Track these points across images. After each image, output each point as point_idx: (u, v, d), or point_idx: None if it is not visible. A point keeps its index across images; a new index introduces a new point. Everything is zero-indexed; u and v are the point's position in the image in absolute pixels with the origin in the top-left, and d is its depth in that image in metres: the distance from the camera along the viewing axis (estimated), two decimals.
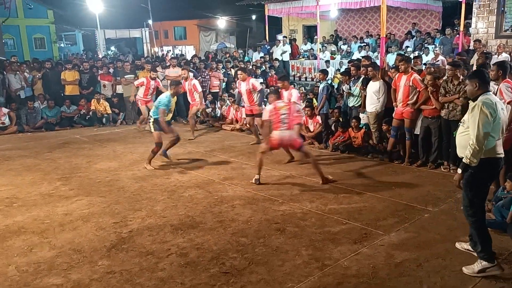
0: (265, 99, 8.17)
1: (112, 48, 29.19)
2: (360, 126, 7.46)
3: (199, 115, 10.33)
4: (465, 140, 3.38)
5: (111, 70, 11.66)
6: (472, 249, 3.60)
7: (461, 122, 3.57)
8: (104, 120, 10.88)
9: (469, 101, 3.53)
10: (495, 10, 10.44)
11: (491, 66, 5.30)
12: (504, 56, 8.99)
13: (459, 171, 3.39)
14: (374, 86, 7.00)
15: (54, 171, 6.76)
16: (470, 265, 3.45)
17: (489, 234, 3.47)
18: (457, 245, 3.84)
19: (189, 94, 9.01)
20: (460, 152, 3.50)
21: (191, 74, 9.60)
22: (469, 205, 3.44)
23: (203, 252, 3.90)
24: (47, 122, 10.50)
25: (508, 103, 4.76)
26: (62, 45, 28.22)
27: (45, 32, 24.47)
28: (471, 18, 11.11)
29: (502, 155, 3.42)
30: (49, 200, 5.40)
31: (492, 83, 5.22)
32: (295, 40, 17.29)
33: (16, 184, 6.11)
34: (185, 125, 10.07)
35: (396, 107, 6.68)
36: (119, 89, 11.32)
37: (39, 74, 11.24)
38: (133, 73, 11.12)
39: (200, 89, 8.99)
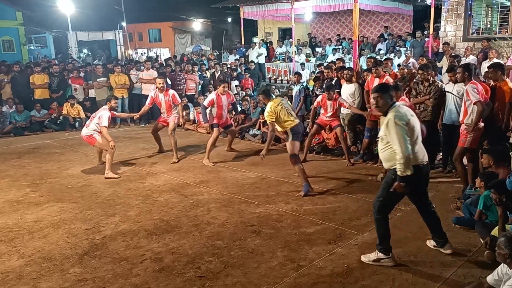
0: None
1: (85, 50, 28.58)
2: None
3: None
4: (388, 154, 3.48)
5: (82, 74, 11.41)
6: (438, 246, 3.76)
7: (378, 138, 3.65)
8: (76, 124, 10.63)
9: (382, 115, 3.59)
10: (463, 14, 10.81)
11: (457, 68, 5.46)
12: (471, 59, 9.30)
13: (400, 182, 3.39)
14: (349, 89, 7.12)
15: (23, 177, 6.55)
16: (436, 259, 3.62)
17: (389, 231, 3.66)
18: (427, 242, 3.95)
19: (165, 107, 7.43)
20: (386, 165, 3.58)
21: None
22: (380, 202, 3.60)
23: (178, 257, 3.86)
24: (16, 127, 10.18)
25: (474, 104, 4.92)
26: (32, 47, 27.39)
27: (13, 34, 23.65)
28: (440, 22, 11.47)
29: (424, 162, 3.47)
30: (17, 207, 5.23)
31: (461, 84, 5.41)
32: (271, 42, 17.39)
33: None
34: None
35: (370, 109, 6.80)
36: (92, 93, 11.11)
37: (7, 78, 10.89)
38: (105, 76, 10.93)
39: (179, 100, 7.72)
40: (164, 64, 12.66)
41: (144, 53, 27.13)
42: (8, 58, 17.86)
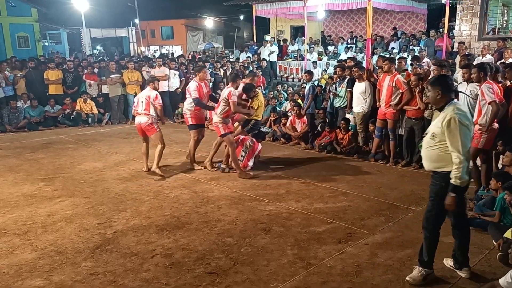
0: None
1: (98, 47, 28.86)
2: (349, 127, 7.51)
3: None
4: (437, 154, 3.16)
5: (96, 70, 11.53)
6: (455, 267, 3.47)
7: (426, 133, 3.32)
8: (89, 120, 10.76)
9: (434, 110, 3.36)
10: (478, 13, 10.63)
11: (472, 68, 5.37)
12: (488, 58, 9.14)
13: (452, 194, 3.09)
14: (360, 87, 7.08)
15: (37, 171, 6.65)
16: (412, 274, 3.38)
17: (435, 248, 3.38)
18: (444, 261, 3.61)
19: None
20: (430, 166, 3.27)
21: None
22: (433, 216, 3.29)
23: (188, 253, 3.89)
24: (30, 122, 10.34)
25: (489, 104, 4.86)
26: (46, 43, 27.73)
27: (28, 30, 24.01)
28: (455, 21, 11.30)
29: (470, 166, 3.24)
30: (31, 201, 5.31)
31: (474, 85, 5.33)
32: (285, 40, 17.35)
33: None
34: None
35: (379, 107, 6.76)
36: (105, 89, 11.21)
37: (21, 73, 11.06)
38: (118, 73, 11.02)
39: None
40: (177, 61, 12.69)
41: (156, 50, 27.28)
42: (23, 54, 18.15)
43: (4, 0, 22.45)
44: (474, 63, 6.86)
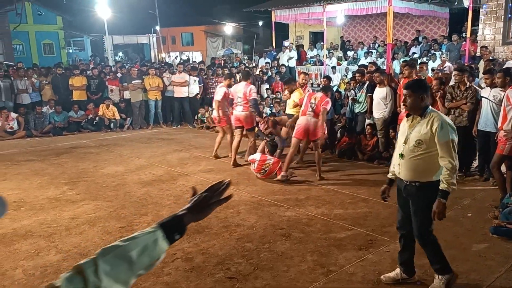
0: None
1: (120, 54, 29.46)
2: (374, 133, 7.43)
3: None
4: (423, 163, 3.04)
5: (119, 75, 11.78)
6: (406, 276, 3.38)
7: (405, 144, 3.12)
8: (111, 125, 10.98)
9: (413, 115, 3.15)
10: (502, 16, 10.41)
11: (497, 73, 5.28)
12: None
13: (443, 201, 2.97)
14: (381, 93, 7.01)
15: (61, 175, 6.82)
16: (434, 282, 3.28)
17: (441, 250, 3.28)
18: (383, 278, 3.45)
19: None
20: (413, 177, 3.09)
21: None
22: (430, 228, 3.16)
23: (208, 257, 3.92)
24: (54, 127, 10.61)
25: None
26: (70, 50, 28.50)
27: (54, 38, 24.81)
28: (478, 25, 11.09)
29: None
30: (56, 204, 5.45)
31: (498, 90, 5.23)
32: (302, 46, 17.33)
33: (23, 188, 6.17)
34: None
35: (400, 112, 6.68)
36: (127, 94, 11.43)
37: (46, 79, 11.39)
38: (139, 79, 11.23)
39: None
40: (197, 67, 12.86)
41: (177, 56, 27.67)
42: (48, 61, 18.73)
43: (31, 9, 23.21)
44: (505, 67, 6.72)
